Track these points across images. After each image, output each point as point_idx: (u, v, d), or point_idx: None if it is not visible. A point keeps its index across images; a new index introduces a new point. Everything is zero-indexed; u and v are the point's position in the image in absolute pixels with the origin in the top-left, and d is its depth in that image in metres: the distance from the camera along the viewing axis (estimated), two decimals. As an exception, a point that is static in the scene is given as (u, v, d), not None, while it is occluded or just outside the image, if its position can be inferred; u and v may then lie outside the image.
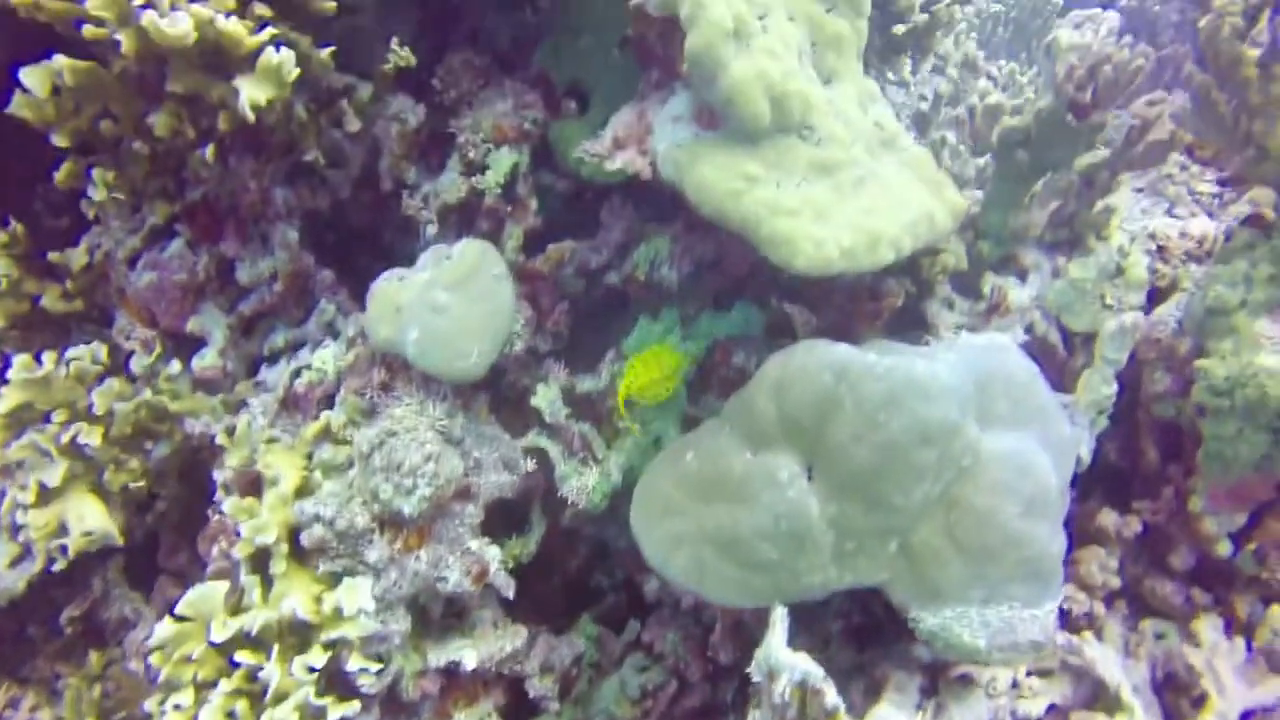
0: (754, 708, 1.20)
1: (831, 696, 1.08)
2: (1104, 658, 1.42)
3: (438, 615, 1.50)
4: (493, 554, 1.44)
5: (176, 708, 1.10)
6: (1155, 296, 1.57)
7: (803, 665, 1.10)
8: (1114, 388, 1.41)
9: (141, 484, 1.42)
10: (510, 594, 1.47)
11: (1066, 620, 1.56)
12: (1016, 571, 1.15)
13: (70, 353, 1.37)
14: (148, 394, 1.42)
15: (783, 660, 1.11)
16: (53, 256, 1.53)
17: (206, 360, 1.62)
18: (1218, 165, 1.30)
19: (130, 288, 1.58)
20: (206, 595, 1.18)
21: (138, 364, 1.56)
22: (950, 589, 1.17)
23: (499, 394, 1.66)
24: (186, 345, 1.66)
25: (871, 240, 1.28)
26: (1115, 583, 1.56)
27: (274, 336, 1.71)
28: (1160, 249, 1.58)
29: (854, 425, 1.17)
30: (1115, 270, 1.54)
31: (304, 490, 1.36)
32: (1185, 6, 1.25)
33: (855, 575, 1.21)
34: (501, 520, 1.65)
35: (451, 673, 1.45)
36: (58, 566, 1.33)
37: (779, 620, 1.18)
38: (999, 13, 3.71)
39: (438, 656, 1.42)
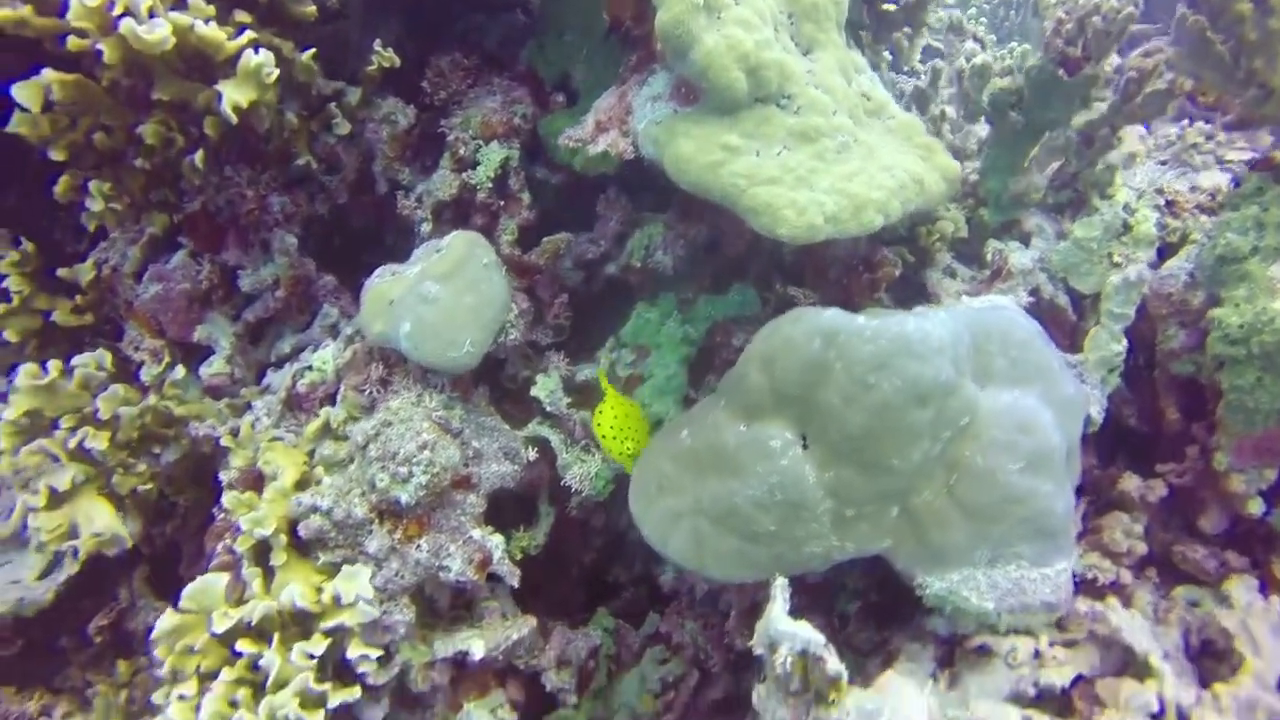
0: (759, 682, 1.17)
1: (833, 664, 1.05)
2: (1130, 624, 1.35)
3: (445, 607, 1.49)
4: (496, 543, 1.43)
5: (181, 698, 1.11)
6: (1165, 253, 1.51)
7: (804, 634, 1.07)
8: (1123, 344, 1.36)
9: (150, 487, 1.44)
10: (515, 582, 1.46)
11: (1092, 589, 1.50)
12: (1021, 529, 1.11)
13: (75, 360, 1.40)
14: (153, 399, 1.45)
15: (783, 630, 1.08)
16: (62, 272, 1.58)
17: (214, 368, 1.66)
18: (1221, 109, 1.25)
19: (137, 300, 1.62)
20: (207, 588, 1.19)
21: (147, 374, 1.59)
22: (954, 551, 1.13)
23: (499, 386, 1.66)
24: (194, 354, 1.70)
25: (857, 205, 1.26)
26: (1141, 549, 1.49)
27: (280, 343, 1.74)
28: (1170, 204, 1.52)
29: (845, 389, 1.14)
30: (1122, 228, 1.50)
31: (304, 484, 1.37)
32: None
33: (857, 543, 1.18)
34: (510, 513, 1.65)
35: (460, 663, 1.44)
36: (69, 568, 1.35)
37: (779, 591, 1.15)
38: (1010, -4, 3.68)
39: (445, 647, 1.41)
